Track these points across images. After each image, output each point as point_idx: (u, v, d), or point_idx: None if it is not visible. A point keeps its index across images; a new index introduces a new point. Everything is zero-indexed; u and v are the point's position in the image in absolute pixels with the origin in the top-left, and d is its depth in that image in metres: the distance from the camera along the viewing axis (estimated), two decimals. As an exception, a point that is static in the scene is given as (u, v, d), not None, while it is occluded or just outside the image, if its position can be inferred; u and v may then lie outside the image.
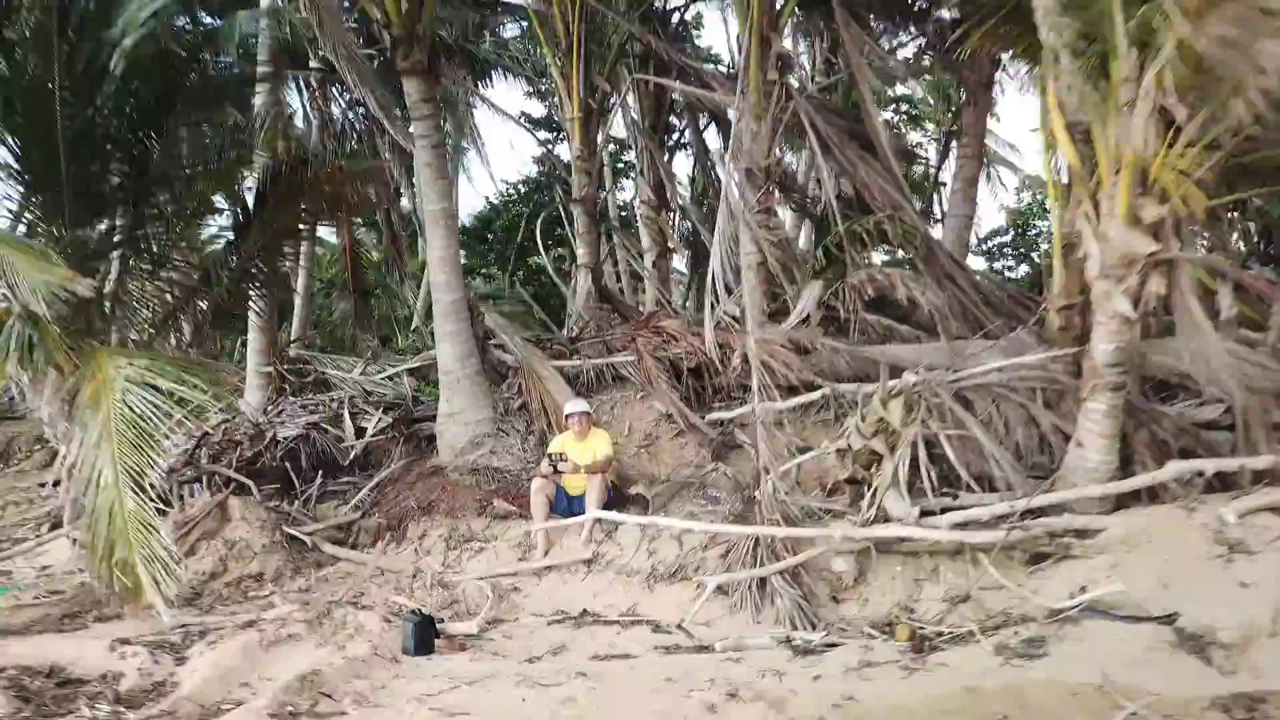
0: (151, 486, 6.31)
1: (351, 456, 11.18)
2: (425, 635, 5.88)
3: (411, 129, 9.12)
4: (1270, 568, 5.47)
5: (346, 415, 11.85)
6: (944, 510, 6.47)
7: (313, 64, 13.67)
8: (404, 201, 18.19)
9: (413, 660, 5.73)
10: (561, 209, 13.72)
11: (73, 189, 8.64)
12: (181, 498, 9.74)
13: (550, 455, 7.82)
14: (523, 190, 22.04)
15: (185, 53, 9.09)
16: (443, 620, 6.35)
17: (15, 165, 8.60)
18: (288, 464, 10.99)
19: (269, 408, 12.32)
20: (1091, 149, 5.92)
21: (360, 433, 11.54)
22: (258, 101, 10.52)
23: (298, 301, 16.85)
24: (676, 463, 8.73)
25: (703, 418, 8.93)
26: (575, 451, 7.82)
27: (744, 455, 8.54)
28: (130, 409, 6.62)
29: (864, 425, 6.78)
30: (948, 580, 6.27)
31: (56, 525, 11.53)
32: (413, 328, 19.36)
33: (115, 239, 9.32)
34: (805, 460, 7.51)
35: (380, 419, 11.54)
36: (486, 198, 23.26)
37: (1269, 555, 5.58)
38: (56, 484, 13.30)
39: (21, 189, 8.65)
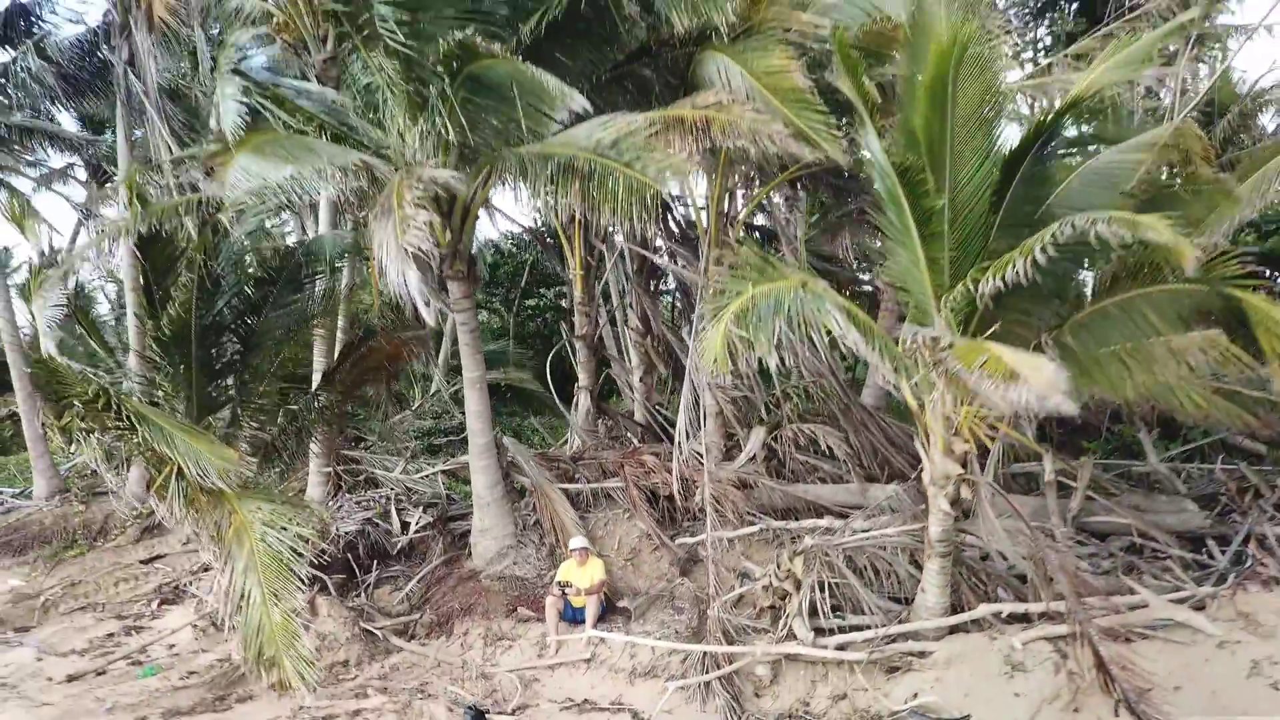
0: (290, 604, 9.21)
1: (398, 548, 14.16)
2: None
3: (455, 317, 12.08)
4: (1036, 682, 8.46)
5: (394, 512, 14.86)
6: (831, 632, 9.44)
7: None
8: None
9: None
10: (567, 343, 16.65)
11: (198, 364, 11.70)
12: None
13: (559, 582, 10.76)
14: (526, 239, 25.26)
15: (279, 261, 12.10)
16: (487, 711, 9.28)
17: (158, 354, 11.64)
18: (349, 555, 13.97)
19: (330, 503, 15.29)
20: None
21: (405, 527, 14.52)
22: (340, 280, 13.51)
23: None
24: (654, 574, 11.72)
25: (673, 538, 11.92)
26: (577, 575, 10.77)
27: (704, 569, 11.52)
28: (268, 545, 9.52)
29: (779, 571, 9.76)
30: (832, 683, 9.23)
31: (165, 601, 14.54)
32: (433, 391, 22.31)
33: (228, 395, 12.34)
34: (744, 590, 10.49)
35: (421, 517, 14.54)
36: (494, 243, 26.85)
37: (1037, 672, 8.56)
38: (153, 560, 16.37)
39: (165, 370, 11.66)
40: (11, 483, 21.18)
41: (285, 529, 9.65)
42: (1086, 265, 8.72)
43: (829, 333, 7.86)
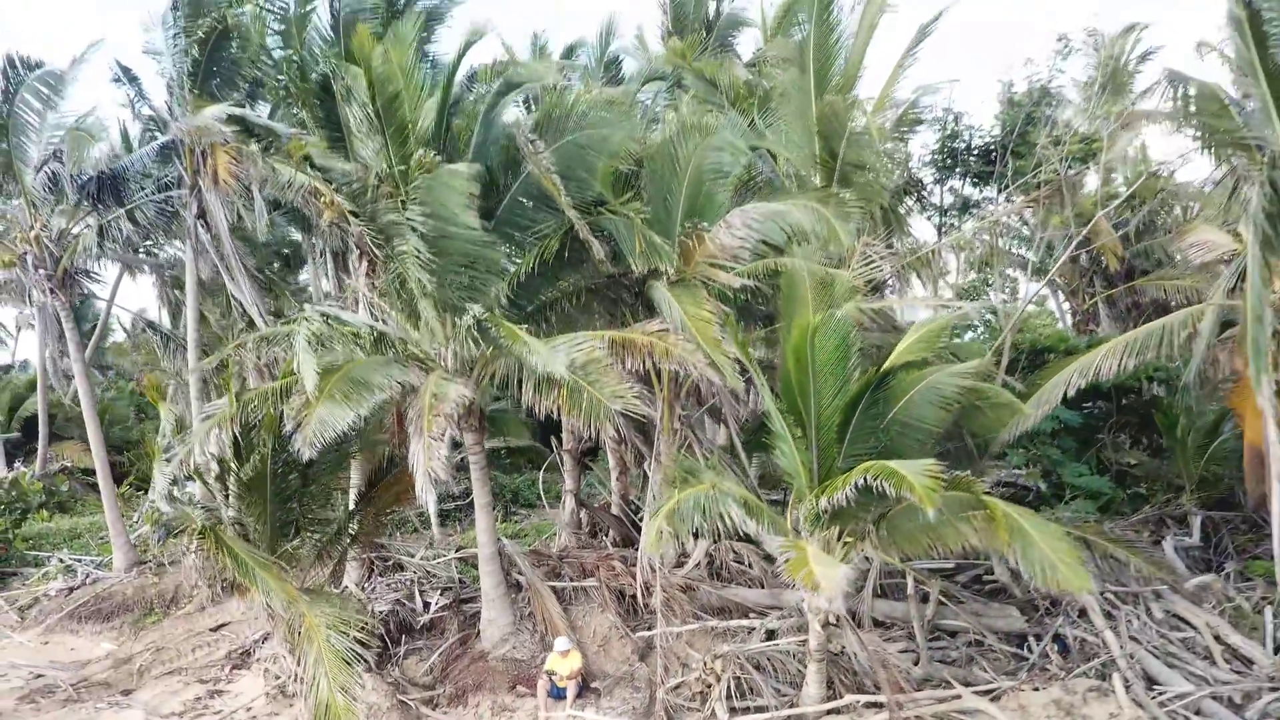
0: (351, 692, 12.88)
1: (422, 624, 17.86)
2: (490, 783, 12.52)
3: (468, 458, 15.77)
4: (881, 755, 12.15)
5: (417, 593, 18.59)
6: (745, 711, 13.14)
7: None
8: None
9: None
10: (556, 455, 20.38)
11: (272, 495, 15.40)
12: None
13: (547, 670, 14.43)
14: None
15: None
16: (496, 772, 12.96)
17: (244, 490, 15.32)
18: (384, 630, 17.67)
19: (365, 585, 19.00)
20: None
21: (426, 606, 18.25)
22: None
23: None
24: (619, 658, 15.41)
25: (634, 630, 15.63)
26: (560, 665, 14.42)
27: (656, 657, 15.20)
28: (332, 645, 13.19)
29: (706, 666, 13.48)
30: (744, 753, 12.94)
31: (236, 666, 18.21)
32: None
33: (292, 514, 16.04)
34: (683, 677, 14.20)
35: (439, 599, 18.27)
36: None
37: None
38: (220, 627, 20.04)
39: (248, 500, 15.35)
40: (86, 550, 24.93)
41: (345, 633, 13.36)
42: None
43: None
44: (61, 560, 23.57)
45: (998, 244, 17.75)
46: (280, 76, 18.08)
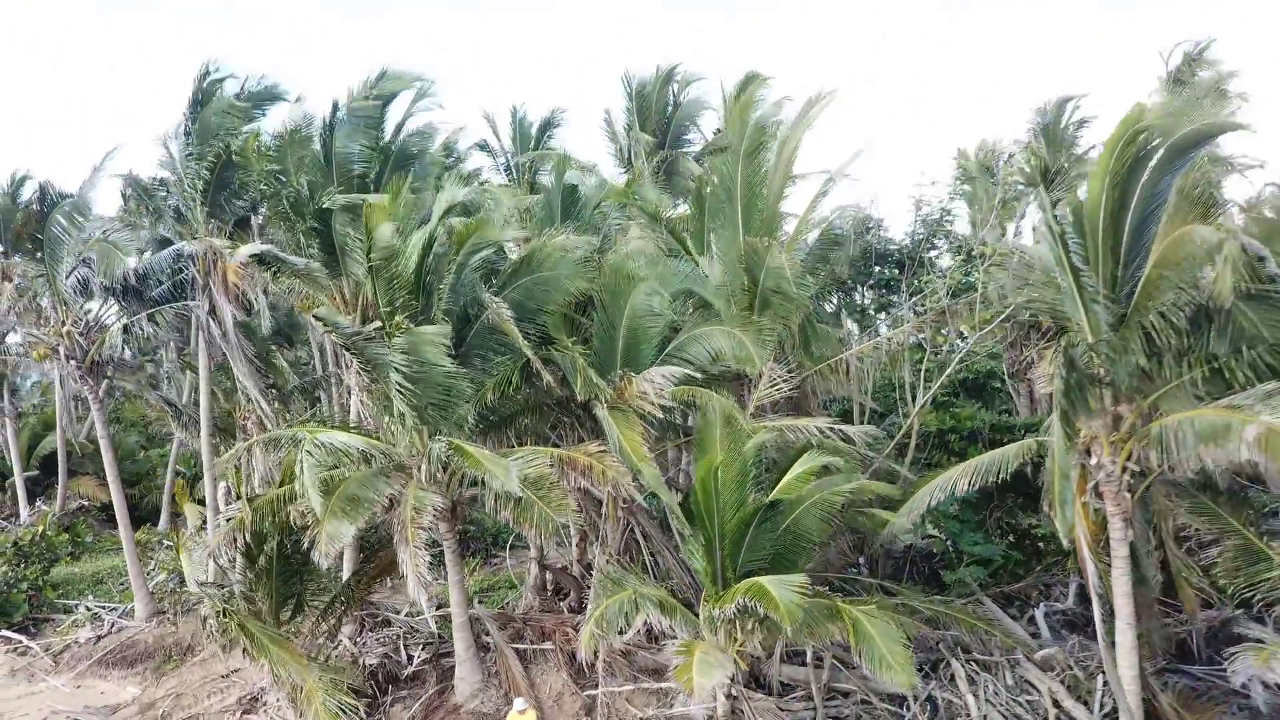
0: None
1: (406, 675, 20.77)
2: (457, 824, 15.44)
3: (443, 545, 18.67)
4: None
5: (402, 647, 21.51)
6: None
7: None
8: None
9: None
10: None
11: (278, 579, 18.31)
12: None
13: (507, 730, 17.39)
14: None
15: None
16: (463, 814, 15.87)
17: (253, 579, 18.23)
18: (373, 680, 20.59)
19: (356, 639, 21.89)
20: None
21: (410, 659, 21.16)
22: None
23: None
24: (571, 713, 18.32)
25: (583, 688, 18.53)
26: (520, 721, 17.39)
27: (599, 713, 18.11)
28: (327, 707, 16.14)
29: (636, 727, 16.40)
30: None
31: (246, 711, 21.11)
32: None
33: (295, 591, 18.96)
34: (618, 732, 17.13)
35: (420, 654, 21.18)
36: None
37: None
38: (231, 674, 22.92)
39: (257, 585, 18.27)
40: (109, 596, 27.83)
41: (337, 694, 16.31)
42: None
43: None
44: (88, 608, 26.45)
45: (901, 354, 20.60)
46: (280, 205, 20.87)
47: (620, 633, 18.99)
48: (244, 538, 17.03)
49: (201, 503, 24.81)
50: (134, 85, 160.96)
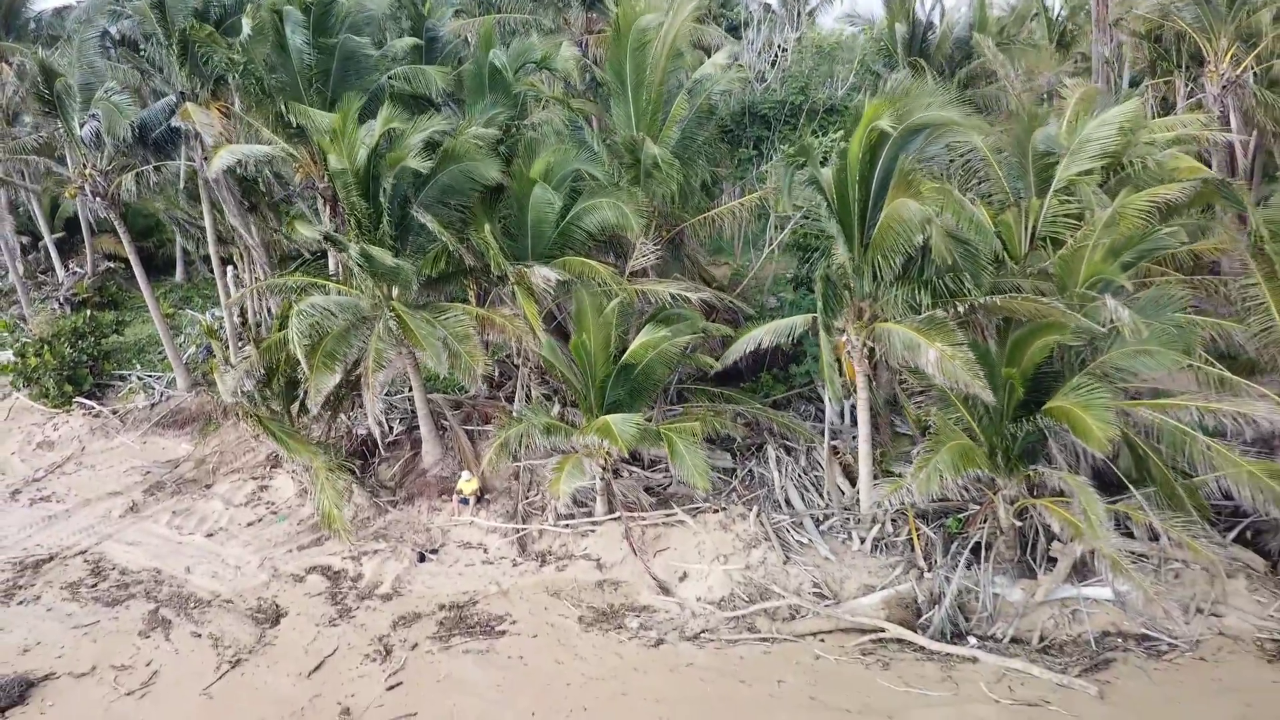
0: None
1: (389, 441, 28.21)
2: (424, 557, 23.35)
3: (406, 361, 25.25)
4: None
5: (384, 420, 28.83)
6: (569, 517, 23.76)
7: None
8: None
9: (420, 565, 23.24)
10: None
11: (288, 396, 25.23)
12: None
13: (457, 489, 24.82)
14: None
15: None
16: (425, 552, 23.71)
17: (276, 398, 25.05)
18: (364, 445, 28.09)
19: (350, 414, 29.09)
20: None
21: (390, 429, 28.55)
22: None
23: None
24: (504, 478, 25.81)
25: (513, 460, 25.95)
26: (465, 487, 24.77)
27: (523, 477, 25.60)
28: (328, 480, 23.66)
29: (548, 489, 23.95)
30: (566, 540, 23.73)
31: (274, 465, 28.78)
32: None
33: (300, 404, 25.94)
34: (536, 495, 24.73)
35: (398, 426, 28.51)
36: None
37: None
38: (259, 435, 30.42)
39: (277, 404, 25.16)
40: (152, 366, 34.94)
41: (334, 474, 23.69)
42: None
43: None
44: (139, 378, 33.69)
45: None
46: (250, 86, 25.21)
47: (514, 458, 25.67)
48: (260, 369, 23.65)
49: (213, 334, 30.86)
50: None
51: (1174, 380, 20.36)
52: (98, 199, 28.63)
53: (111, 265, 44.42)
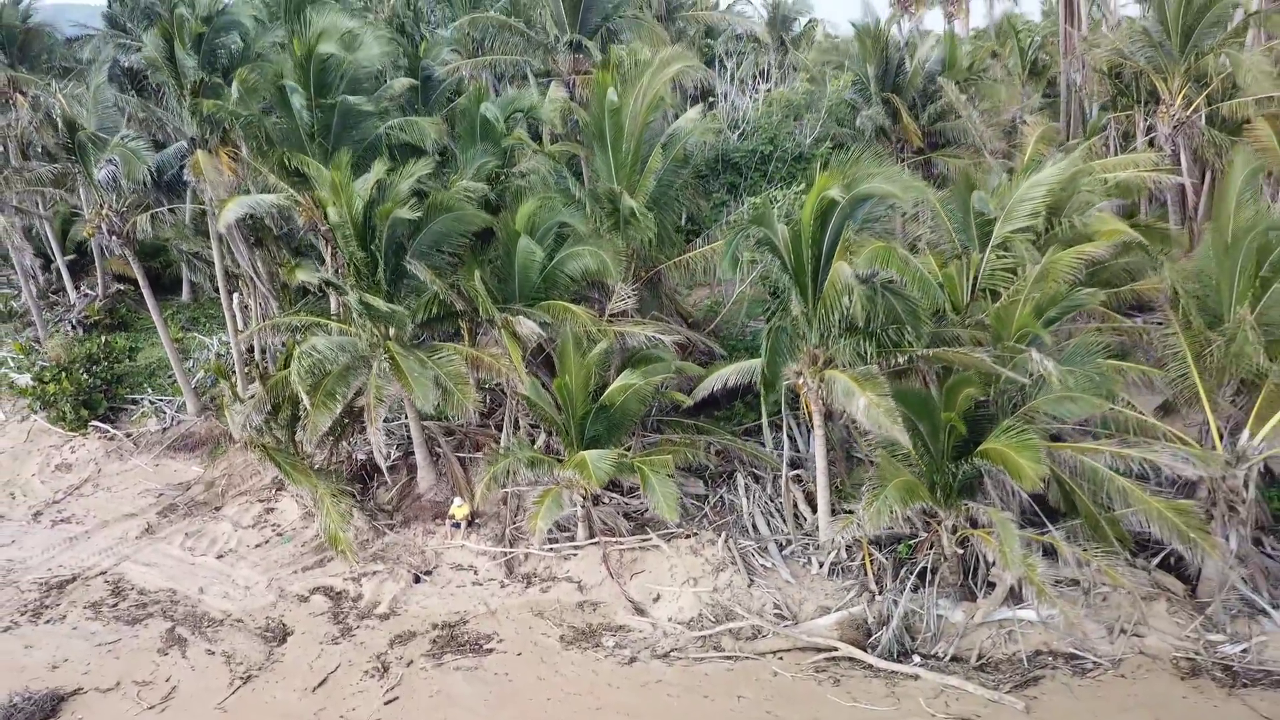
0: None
1: (387, 466, 30.11)
2: (419, 578, 25.26)
3: (404, 394, 27.19)
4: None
5: (383, 446, 30.74)
6: (553, 542, 25.68)
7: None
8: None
9: (415, 586, 25.15)
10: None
11: (292, 428, 27.19)
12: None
13: (450, 514, 26.73)
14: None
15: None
16: (420, 574, 25.62)
17: (275, 430, 26.99)
18: (364, 470, 30.01)
19: (350, 441, 31.01)
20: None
21: (388, 455, 30.45)
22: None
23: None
24: (494, 503, 27.77)
25: (504, 487, 27.88)
26: (458, 511, 26.69)
27: (511, 499, 27.53)
28: (332, 506, 25.60)
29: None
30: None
31: (279, 488, 30.70)
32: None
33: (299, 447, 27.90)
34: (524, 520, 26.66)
35: (395, 452, 30.40)
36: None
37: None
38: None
39: (282, 435, 27.06)
40: (162, 390, 36.86)
41: (337, 499, 25.59)
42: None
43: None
44: (150, 402, 35.62)
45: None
46: (254, 135, 27.14)
47: (503, 486, 27.44)
48: (267, 404, 25.59)
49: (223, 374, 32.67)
50: None
51: (1110, 415, 22.29)
52: (114, 237, 30.50)
53: (121, 287, 46.27)
